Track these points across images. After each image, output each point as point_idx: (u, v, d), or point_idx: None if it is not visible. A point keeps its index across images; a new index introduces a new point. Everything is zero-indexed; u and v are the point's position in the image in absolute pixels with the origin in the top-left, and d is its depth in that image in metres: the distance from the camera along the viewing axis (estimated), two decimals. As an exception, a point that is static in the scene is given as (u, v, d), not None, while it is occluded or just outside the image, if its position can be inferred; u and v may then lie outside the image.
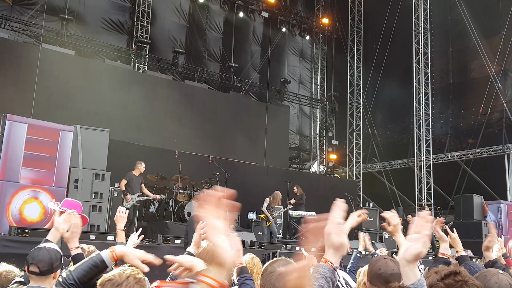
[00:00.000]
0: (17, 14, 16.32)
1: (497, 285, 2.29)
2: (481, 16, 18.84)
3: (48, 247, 3.37)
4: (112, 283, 2.32)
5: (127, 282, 2.33)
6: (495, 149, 18.43)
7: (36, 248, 3.38)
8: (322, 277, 1.77)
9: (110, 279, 2.34)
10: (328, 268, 1.79)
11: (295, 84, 23.86)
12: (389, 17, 20.89)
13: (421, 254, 1.87)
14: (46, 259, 3.28)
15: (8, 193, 9.03)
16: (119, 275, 2.36)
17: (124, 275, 2.36)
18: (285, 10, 22.30)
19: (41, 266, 3.25)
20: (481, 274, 2.41)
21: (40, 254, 3.28)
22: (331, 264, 1.81)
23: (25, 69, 14.67)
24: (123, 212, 4.45)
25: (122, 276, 2.35)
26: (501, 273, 2.38)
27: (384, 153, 21.92)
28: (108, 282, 2.33)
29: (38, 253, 3.29)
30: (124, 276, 2.35)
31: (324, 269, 1.80)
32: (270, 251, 8.70)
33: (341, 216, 1.88)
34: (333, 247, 1.84)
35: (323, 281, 1.76)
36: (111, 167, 10.98)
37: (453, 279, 1.86)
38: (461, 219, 15.77)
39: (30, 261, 3.26)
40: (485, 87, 18.27)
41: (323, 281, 1.76)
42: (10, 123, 9.29)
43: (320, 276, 1.78)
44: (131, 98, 16.56)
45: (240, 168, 16.41)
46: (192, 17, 20.57)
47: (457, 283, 1.84)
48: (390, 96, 21.75)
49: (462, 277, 1.87)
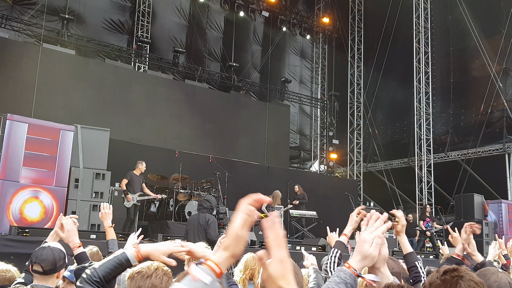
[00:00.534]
0: (17, 14, 16.33)
1: (496, 283, 2.28)
2: (482, 15, 18.83)
3: (52, 246, 3.38)
4: (142, 275, 2.39)
5: (156, 274, 2.41)
6: (495, 148, 18.43)
7: (40, 247, 3.39)
8: (342, 282, 1.72)
9: (139, 271, 2.41)
10: (350, 274, 1.74)
11: (295, 84, 23.85)
12: (389, 16, 20.89)
13: (386, 257, 1.88)
14: (50, 259, 3.31)
15: (9, 192, 9.04)
16: (148, 267, 2.43)
17: (153, 268, 2.43)
18: (285, 9, 22.29)
19: (45, 265, 3.27)
20: (481, 272, 2.41)
21: (43, 253, 3.29)
22: (354, 270, 1.75)
23: (25, 69, 14.67)
24: (108, 208, 4.24)
25: (150, 268, 2.43)
26: (500, 271, 2.37)
27: (384, 152, 21.92)
28: (138, 274, 2.40)
29: (42, 252, 3.30)
30: (152, 268, 2.43)
31: (346, 275, 1.74)
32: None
33: (383, 231, 1.84)
34: (362, 255, 1.79)
35: (343, 286, 1.71)
36: (111, 167, 10.97)
37: (449, 275, 1.86)
38: (462, 219, 15.76)
39: (34, 260, 3.27)
40: (486, 86, 18.26)
41: (343, 286, 1.71)
42: (10, 122, 9.30)
43: (340, 280, 1.72)
44: (131, 98, 16.56)
45: (241, 168, 16.40)
46: (192, 16, 20.56)
47: (453, 278, 1.83)
48: (391, 96, 21.75)
49: (458, 273, 1.86)
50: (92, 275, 2.22)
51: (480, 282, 1.87)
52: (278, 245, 1.42)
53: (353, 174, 22.77)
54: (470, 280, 1.84)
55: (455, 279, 1.82)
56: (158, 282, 2.39)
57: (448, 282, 1.84)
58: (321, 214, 14.64)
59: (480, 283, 1.87)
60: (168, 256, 2.36)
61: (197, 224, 7.21)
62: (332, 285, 1.71)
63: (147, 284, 2.37)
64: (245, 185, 15.61)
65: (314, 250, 10.25)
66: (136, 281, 2.39)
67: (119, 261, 2.31)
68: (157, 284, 2.38)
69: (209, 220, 7.18)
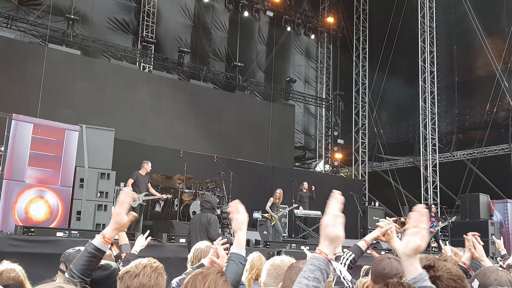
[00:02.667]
0: (23, 14, 16.40)
1: (496, 282, 2.28)
2: (486, 13, 18.76)
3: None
4: (130, 275, 2.38)
5: (144, 272, 2.39)
6: (501, 148, 18.36)
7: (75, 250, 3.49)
8: (317, 269, 1.75)
9: (127, 271, 2.41)
10: (323, 259, 1.78)
11: (300, 83, 23.85)
12: (394, 15, 20.84)
13: (420, 248, 1.90)
14: None
15: (14, 192, 9.09)
16: (136, 266, 2.42)
17: (141, 266, 2.42)
18: (290, 9, 22.29)
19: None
20: (481, 271, 2.41)
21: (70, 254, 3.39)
22: (325, 255, 1.79)
23: (31, 69, 14.73)
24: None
25: (138, 267, 2.42)
26: (500, 270, 2.37)
27: (390, 152, 21.87)
28: (126, 274, 2.39)
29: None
30: (140, 266, 2.42)
31: (319, 261, 1.77)
32: (275, 250, 8.69)
33: (338, 208, 1.88)
34: (329, 239, 1.82)
35: (319, 273, 1.74)
36: (116, 166, 11.01)
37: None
38: (467, 218, 15.72)
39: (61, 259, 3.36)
40: (491, 85, 18.18)
41: (318, 273, 1.74)
42: (16, 122, 9.34)
43: (315, 268, 1.76)
44: (136, 98, 16.60)
45: (245, 167, 16.41)
46: (197, 16, 20.59)
47: (429, 279, 1.84)
48: (396, 95, 21.70)
49: (435, 272, 1.85)
50: (71, 277, 2.23)
51: (459, 277, 1.88)
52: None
53: (358, 174, 22.74)
54: (448, 279, 1.87)
55: (431, 279, 1.84)
56: (146, 280, 2.38)
57: None
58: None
59: (458, 278, 1.88)
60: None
61: (199, 223, 7.29)
62: (307, 274, 1.74)
63: (135, 283, 2.37)
64: (250, 185, 15.67)
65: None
66: (125, 281, 2.39)
67: (90, 254, 2.32)
68: (145, 282, 2.37)
69: (210, 220, 7.25)
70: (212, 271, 1.95)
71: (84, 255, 2.30)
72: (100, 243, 2.32)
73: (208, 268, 2.03)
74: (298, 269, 2.29)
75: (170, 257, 8.02)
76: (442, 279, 1.82)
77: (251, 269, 4.08)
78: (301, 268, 2.29)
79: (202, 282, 1.88)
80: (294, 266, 2.37)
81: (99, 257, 2.33)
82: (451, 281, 1.83)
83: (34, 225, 8.79)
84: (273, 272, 2.80)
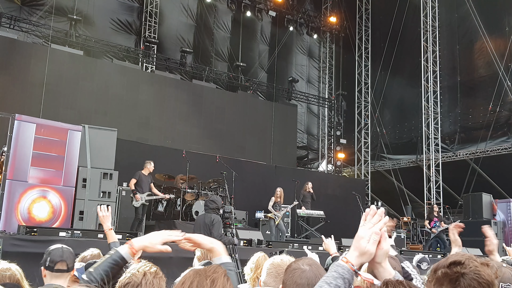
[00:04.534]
0: (26, 15, 16.44)
1: (499, 278, 2.27)
2: (488, 13, 18.71)
3: (64, 246, 3.54)
4: (132, 285, 2.22)
5: (145, 280, 2.23)
6: (504, 148, 18.32)
7: (55, 248, 3.56)
8: (340, 277, 1.70)
9: (127, 282, 2.23)
10: (348, 269, 1.72)
11: (303, 83, 23.84)
12: (397, 15, 20.83)
13: (388, 251, 1.85)
14: (72, 256, 3.52)
15: (17, 192, 9.11)
16: (134, 275, 2.25)
17: (140, 274, 2.25)
18: (292, 9, 22.29)
19: (69, 262, 3.46)
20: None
21: (64, 252, 3.50)
22: (351, 265, 1.74)
23: (34, 70, 14.77)
24: (106, 211, 4.16)
25: (138, 276, 2.24)
26: (504, 266, 2.36)
27: (392, 151, 21.85)
28: (127, 285, 2.22)
29: (61, 251, 3.51)
30: (139, 275, 2.24)
31: (344, 270, 1.72)
32: (277, 249, 8.69)
33: (381, 227, 1.82)
34: (360, 251, 1.78)
35: (341, 281, 1.69)
36: (119, 167, 11.00)
37: (452, 270, 1.78)
38: (470, 218, 15.68)
39: (57, 259, 3.42)
40: (493, 85, 18.15)
41: (340, 281, 1.69)
42: (18, 123, 9.37)
43: (338, 275, 1.70)
44: (139, 98, 16.62)
45: (248, 167, 16.39)
46: (199, 16, 20.61)
47: (454, 274, 1.78)
48: (398, 95, 21.68)
49: (461, 268, 1.79)
50: (89, 280, 2.18)
51: (486, 282, 1.76)
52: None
53: (360, 174, 22.74)
54: (472, 279, 1.75)
55: (456, 275, 1.78)
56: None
57: (448, 277, 1.79)
58: (329, 213, 14.63)
59: (484, 283, 1.76)
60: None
61: (203, 224, 7.31)
62: (330, 280, 1.70)
63: None
64: (252, 185, 15.65)
65: (321, 249, 10.22)
66: None
67: (114, 261, 2.25)
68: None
69: (214, 220, 7.27)
70: (219, 274, 1.89)
71: (108, 261, 2.23)
72: (127, 254, 2.26)
73: (214, 269, 1.96)
74: (301, 271, 2.25)
75: (172, 257, 8.01)
76: (466, 277, 1.75)
77: (256, 269, 4.07)
78: (304, 269, 2.26)
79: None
80: (296, 268, 2.33)
81: (121, 266, 2.24)
82: (475, 282, 1.75)
83: (36, 225, 8.81)
84: (273, 271, 2.79)
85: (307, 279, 2.20)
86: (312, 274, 2.23)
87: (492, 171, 18.17)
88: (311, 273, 2.24)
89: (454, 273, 1.76)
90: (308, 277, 2.21)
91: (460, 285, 1.75)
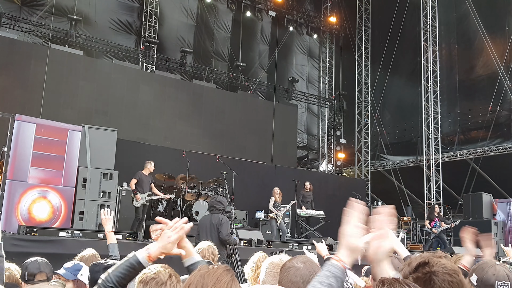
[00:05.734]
0: (26, 15, 16.44)
1: (494, 276, 2.28)
2: (487, 12, 18.70)
3: (39, 258, 3.68)
4: (157, 282, 2.30)
5: (171, 281, 2.32)
6: (504, 147, 18.32)
7: (31, 261, 3.71)
8: (332, 276, 1.72)
9: (153, 277, 2.32)
10: (340, 267, 1.75)
11: (303, 83, 23.84)
12: (397, 15, 20.84)
13: (391, 251, 1.90)
14: (50, 267, 3.65)
15: (17, 192, 9.12)
16: (160, 273, 2.34)
17: (167, 274, 2.34)
18: (292, 9, 22.29)
19: (48, 272, 3.63)
20: (479, 266, 2.40)
21: (41, 263, 3.68)
22: (343, 264, 1.77)
23: (34, 70, 14.77)
24: (108, 214, 4.40)
25: (165, 275, 2.34)
26: (498, 264, 2.37)
27: (392, 151, 21.85)
28: (152, 280, 2.31)
29: (39, 263, 3.65)
30: (167, 274, 2.34)
31: (336, 269, 1.75)
32: (277, 249, 8.70)
33: (358, 218, 1.84)
34: (349, 249, 1.80)
35: (333, 280, 1.71)
36: (119, 167, 11.02)
37: (421, 272, 1.82)
38: (470, 218, 15.68)
39: (35, 271, 3.58)
40: (493, 84, 18.15)
41: (333, 280, 1.71)
42: (18, 123, 9.38)
43: (331, 274, 1.73)
44: (139, 98, 16.62)
45: (248, 167, 16.39)
46: (200, 16, 20.61)
47: (425, 275, 1.81)
48: (398, 95, 21.68)
49: (430, 268, 1.82)
50: (106, 281, 2.16)
51: (454, 271, 1.84)
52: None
53: (360, 174, 22.74)
54: (444, 273, 1.81)
55: (427, 275, 1.80)
56: None
57: (421, 280, 1.81)
58: (329, 213, 14.63)
59: (454, 273, 1.83)
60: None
61: (210, 224, 7.21)
62: (322, 279, 1.72)
63: None
64: (253, 185, 15.66)
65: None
66: (150, 287, 2.32)
67: (130, 265, 2.25)
68: None
69: (222, 220, 7.21)
70: (224, 274, 1.89)
71: (125, 264, 2.22)
72: (144, 259, 2.25)
73: (218, 270, 1.94)
74: (295, 269, 2.28)
75: (172, 256, 8.02)
76: (438, 274, 1.80)
77: (256, 268, 4.08)
78: (298, 267, 2.28)
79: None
80: (290, 266, 2.35)
81: (137, 271, 2.24)
82: (446, 275, 1.80)
83: (37, 225, 8.81)
84: (271, 270, 2.80)
85: (302, 277, 2.23)
86: (307, 271, 2.26)
87: (492, 171, 18.17)
88: (305, 270, 2.27)
89: (425, 274, 1.80)
90: (303, 275, 2.24)
91: (435, 283, 1.78)
